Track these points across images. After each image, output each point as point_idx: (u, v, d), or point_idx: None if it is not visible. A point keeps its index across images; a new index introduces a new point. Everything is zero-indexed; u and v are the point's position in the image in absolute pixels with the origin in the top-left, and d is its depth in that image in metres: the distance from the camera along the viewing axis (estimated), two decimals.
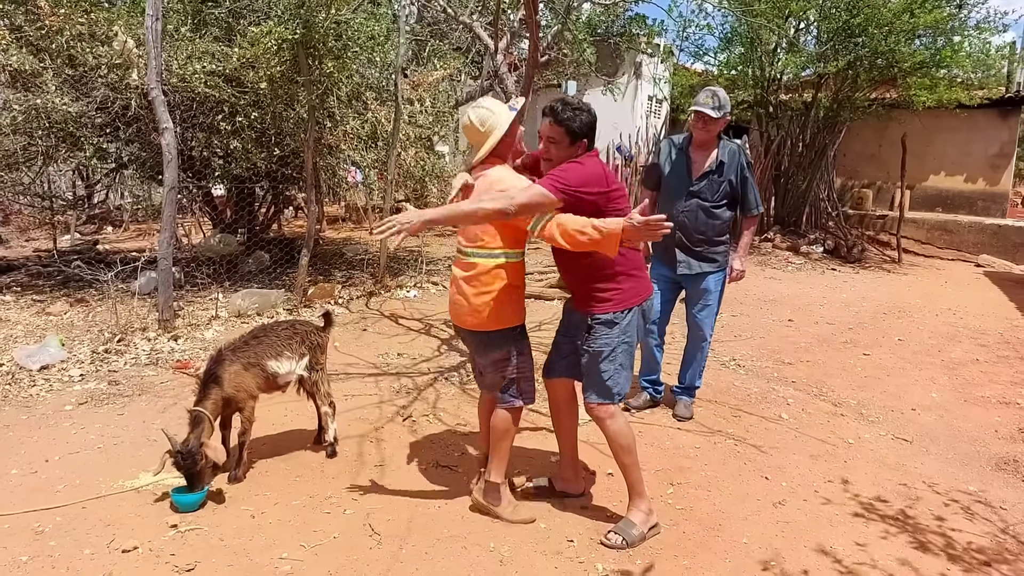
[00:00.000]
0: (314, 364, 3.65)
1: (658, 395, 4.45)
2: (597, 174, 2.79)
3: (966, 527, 3.15)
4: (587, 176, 2.75)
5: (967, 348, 6.18)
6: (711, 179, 4.06)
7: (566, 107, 2.82)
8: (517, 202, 2.65)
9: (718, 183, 4.05)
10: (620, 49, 12.71)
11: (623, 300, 2.87)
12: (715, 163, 4.05)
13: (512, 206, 2.64)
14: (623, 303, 2.87)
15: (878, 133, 12.51)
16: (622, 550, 2.85)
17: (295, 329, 3.65)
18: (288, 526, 2.98)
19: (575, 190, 2.70)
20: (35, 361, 4.79)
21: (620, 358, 2.90)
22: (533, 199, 2.67)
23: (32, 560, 2.70)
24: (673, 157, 4.18)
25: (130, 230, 11.80)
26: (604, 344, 2.88)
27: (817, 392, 4.90)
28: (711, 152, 4.08)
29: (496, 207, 2.64)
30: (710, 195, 4.06)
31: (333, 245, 10.18)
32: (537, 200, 2.67)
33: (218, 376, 3.26)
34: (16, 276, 7.51)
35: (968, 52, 10.61)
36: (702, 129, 4.01)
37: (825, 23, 10.41)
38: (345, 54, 6.65)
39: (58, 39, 5.97)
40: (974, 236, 11.73)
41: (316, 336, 3.70)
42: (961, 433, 4.28)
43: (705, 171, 4.06)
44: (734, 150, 4.10)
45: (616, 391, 2.92)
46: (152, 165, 7.37)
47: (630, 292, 2.89)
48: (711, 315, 4.23)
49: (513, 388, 3.04)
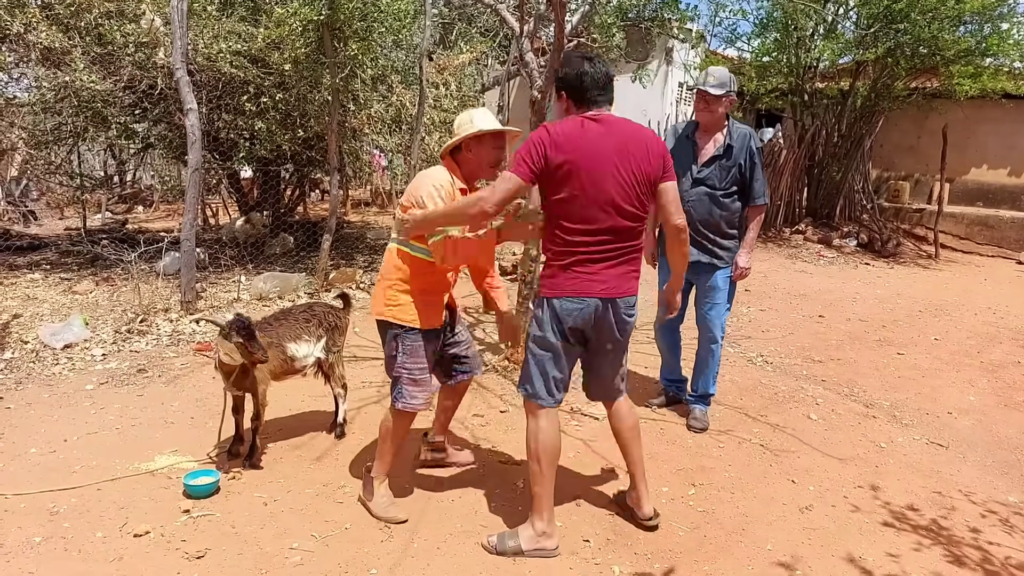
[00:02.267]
0: (331, 346, 3.61)
1: (681, 393, 4.29)
2: (532, 140, 2.52)
3: (1004, 540, 3.00)
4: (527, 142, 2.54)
5: (1008, 349, 5.94)
6: (719, 164, 3.76)
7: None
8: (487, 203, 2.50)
9: (727, 168, 3.75)
10: (651, 34, 12.44)
11: (543, 287, 2.71)
12: (723, 146, 3.75)
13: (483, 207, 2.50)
14: (542, 290, 2.71)
15: (917, 123, 12.13)
16: (491, 553, 2.70)
17: (313, 311, 3.61)
18: (300, 515, 2.94)
19: (520, 159, 2.50)
20: (59, 340, 4.82)
21: (531, 350, 2.73)
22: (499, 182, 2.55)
23: (45, 541, 2.69)
24: (678, 145, 3.89)
25: (160, 210, 11.93)
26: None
27: (848, 392, 4.74)
28: (718, 135, 3.80)
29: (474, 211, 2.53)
30: (718, 182, 3.77)
31: (356, 229, 10.16)
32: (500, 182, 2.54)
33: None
34: (46, 254, 7.61)
35: (1016, 40, 10.20)
36: (704, 110, 3.74)
37: (865, 8, 10.07)
38: (370, 36, 6.58)
39: (87, 16, 5.98)
40: (1016, 232, 11.33)
41: (334, 317, 3.66)
42: (1001, 439, 4.10)
43: (712, 156, 3.77)
44: (745, 133, 3.79)
45: (523, 388, 2.76)
46: (178, 145, 7.40)
47: (549, 282, 2.67)
48: (720, 314, 3.95)
49: (396, 387, 2.91)
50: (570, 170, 2.49)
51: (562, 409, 4.17)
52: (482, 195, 2.51)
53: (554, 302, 2.63)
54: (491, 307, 3.21)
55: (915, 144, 12.69)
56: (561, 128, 2.52)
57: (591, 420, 4.05)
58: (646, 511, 2.92)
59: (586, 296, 2.61)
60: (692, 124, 3.91)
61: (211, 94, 6.51)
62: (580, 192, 2.51)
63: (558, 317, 2.63)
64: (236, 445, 3.42)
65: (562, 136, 2.50)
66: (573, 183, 2.51)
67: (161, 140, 7.90)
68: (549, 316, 2.65)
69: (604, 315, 2.65)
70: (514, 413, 4.09)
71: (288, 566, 2.60)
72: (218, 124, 6.89)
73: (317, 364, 3.61)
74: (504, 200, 2.49)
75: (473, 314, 6.16)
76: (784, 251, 10.36)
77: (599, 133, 2.55)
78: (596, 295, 2.61)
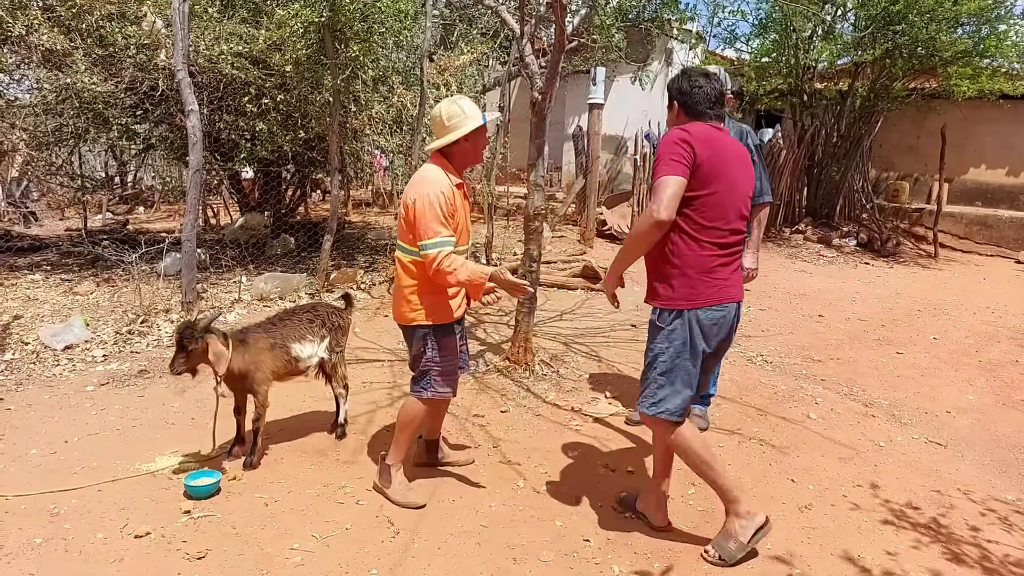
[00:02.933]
0: (334, 346, 3.62)
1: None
2: (675, 140, 2.51)
3: (1003, 538, 3.01)
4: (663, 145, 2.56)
5: (1006, 348, 5.95)
6: None
7: (680, 71, 2.74)
8: (658, 211, 2.45)
9: None
10: (651, 35, 12.45)
11: (671, 299, 2.61)
12: None
13: (657, 216, 2.45)
14: (671, 302, 2.61)
15: (916, 124, 12.14)
16: (719, 565, 2.70)
17: (316, 312, 3.62)
18: (301, 515, 2.95)
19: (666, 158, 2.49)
20: (59, 341, 4.83)
21: (663, 369, 2.63)
22: (658, 188, 2.48)
23: (46, 543, 2.70)
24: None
25: (161, 210, 11.95)
26: (649, 348, 2.70)
27: (847, 391, 4.75)
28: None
29: (646, 228, 2.48)
30: None
31: (357, 229, 10.17)
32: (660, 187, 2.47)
33: (246, 339, 3.27)
34: (47, 255, 7.62)
35: (1014, 41, 10.21)
36: None
37: (863, 9, 10.08)
38: (371, 37, 6.59)
39: (88, 18, 5.98)
40: (1015, 232, 11.35)
41: (337, 317, 3.67)
42: (999, 438, 4.11)
43: None
44: (742, 131, 3.71)
45: (658, 408, 2.64)
46: (179, 146, 7.40)
47: (682, 293, 2.59)
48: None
49: (424, 379, 3.00)
50: (712, 168, 2.51)
51: (563, 408, 4.19)
52: (651, 209, 2.45)
53: (697, 313, 2.58)
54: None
55: (914, 144, 12.70)
56: (697, 129, 2.55)
57: (593, 420, 4.06)
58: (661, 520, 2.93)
59: (727, 302, 2.62)
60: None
61: (212, 95, 6.52)
62: (724, 189, 2.54)
63: (701, 329, 2.59)
64: (237, 446, 3.43)
65: (702, 135, 2.52)
66: (718, 181, 2.52)
67: (162, 141, 7.90)
68: (690, 329, 2.59)
69: (735, 319, 2.68)
70: (514, 413, 4.10)
71: (289, 567, 2.61)
72: (219, 125, 6.90)
73: (319, 364, 3.62)
74: (673, 203, 2.45)
75: (473, 314, 6.17)
76: (784, 251, 10.37)
77: (726, 138, 2.63)
78: (733, 300, 2.64)
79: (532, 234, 4.59)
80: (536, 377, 4.67)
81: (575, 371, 4.86)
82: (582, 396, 4.42)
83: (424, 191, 2.79)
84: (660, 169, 2.48)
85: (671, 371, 2.62)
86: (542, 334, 5.56)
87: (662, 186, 2.45)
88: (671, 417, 2.64)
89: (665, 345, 2.62)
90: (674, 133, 2.53)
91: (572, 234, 10.03)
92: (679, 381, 2.63)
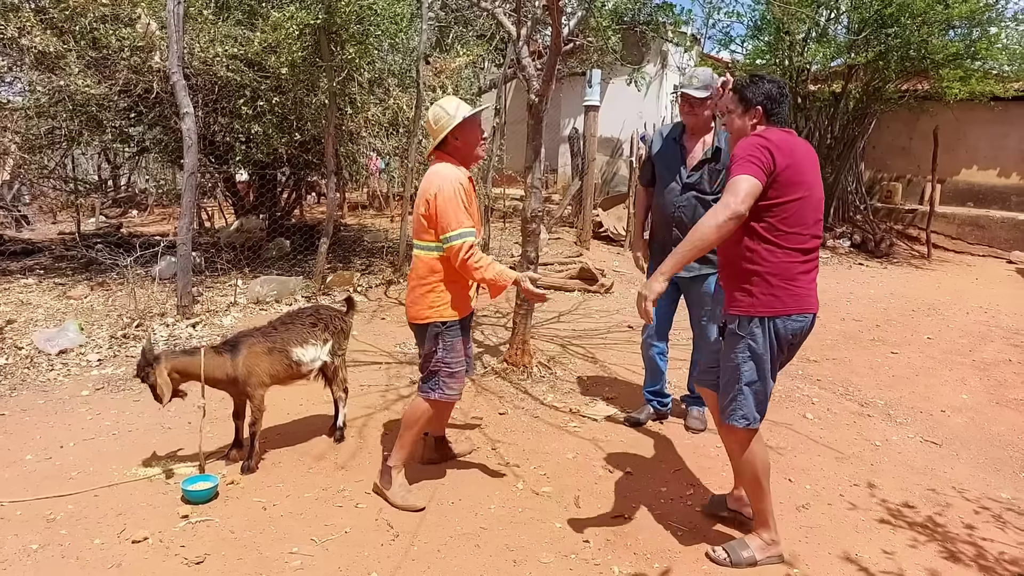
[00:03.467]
0: (336, 350, 3.62)
1: (664, 407, 4.11)
2: (753, 144, 2.50)
3: (998, 536, 3.03)
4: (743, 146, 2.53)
5: (999, 348, 5.99)
6: (708, 168, 3.62)
7: (748, 76, 2.72)
8: (736, 203, 2.41)
9: (716, 172, 3.60)
10: (646, 37, 12.48)
11: (753, 307, 2.58)
12: (711, 149, 3.62)
13: (735, 208, 2.41)
14: (752, 310, 2.58)
15: (909, 125, 12.21)
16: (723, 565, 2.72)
17: (319, 315, 3.61)
18: (300, 519, 2.94)
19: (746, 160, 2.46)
20: (54, 345, 4.81)
21: (744, 377, 2.61)
22: (736, 184, 2.45)
23: (42, 549, 2.69)
24: (665, 148, 3.78)
25: (155, 213, 11.90)
26: (730, 358, 2.66)
27: (843, 391, 4.77)
28: (706, 138, 3.67)
29: (723, 219, 2.41)
30: (708, 186, 3.62)
31: (353, 232, 10.16)
32: (738, 183, 2.44)
33: (237, 346, 3.25)
34: (40, 259, 7.58)
35: (1005, 44, 10.29)
36: (689, 113, 3.63)
37: (856, 12, 10.16)
38: (367, 39, 6.59)
39: (82, 20, 5.96)
40: (1007, 232, 11.42)
41: (340, 321, 3.67)
42: (993, 437, 4.14)
43: (700, 159, 3.64)
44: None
45: (748, 421, 2.64)
46: (174, 149, 7.37)
47: (763, 301, 2.56)
48: (715, 318, 3.68)
49: (433, 380, 3.03)
50: (792, 175, 2.50)
51: (561, 410, 4.20)
52: (727, 203, 2.41)
53: (776, 322, 2.56)
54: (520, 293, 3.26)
55: (907, 145, 12.77)
56: (776, 136, 2.54)
57: (590, 421, 4.06)
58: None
59: (808, 312, 2.60)
60: (679, 126, 3.77)
61: (207, 98, 6.51)
62: (807, 195, 2.54)
63: (779, 338, 2.58)
64: (234, 449, 3.42)
65: (780, 141, 2.52)
66: (798, 187, 2.52)
67: (157, 144, 7.88)
68: (771, 337, 2.57)
69: (810, 329, 2.67)
70: (512, 416, 4.10)
71: (288, 571, 2.60)
72: (214, 128, 6.88)
73: (321, 368, 3.61)
74: (749, 200, 2.42)
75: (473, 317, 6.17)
76: None
77: (799, 142, 2.61)
78: (814, 310, 2.63)
79: (529, 236, 4.60)
80: (534, 379, 4.67)
81: (572, 373, 4.86)
82: (580, 398, 4.43)
83: (443, 184, 2.85)
84: (739, 168, 2.47)
85: (755, 381, 2.61)
86: (539, 336, 5.57)
87: (741, 182, 2.43)
88: (755, 425, 2.66)
89: (747, 355, 2.60)
90: (754, 139, 2.53)
91: (568, 236, 10.05)
92: (762, 390, 2.63)
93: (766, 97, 2.65)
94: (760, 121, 2.67)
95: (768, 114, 2.66)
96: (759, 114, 2.66)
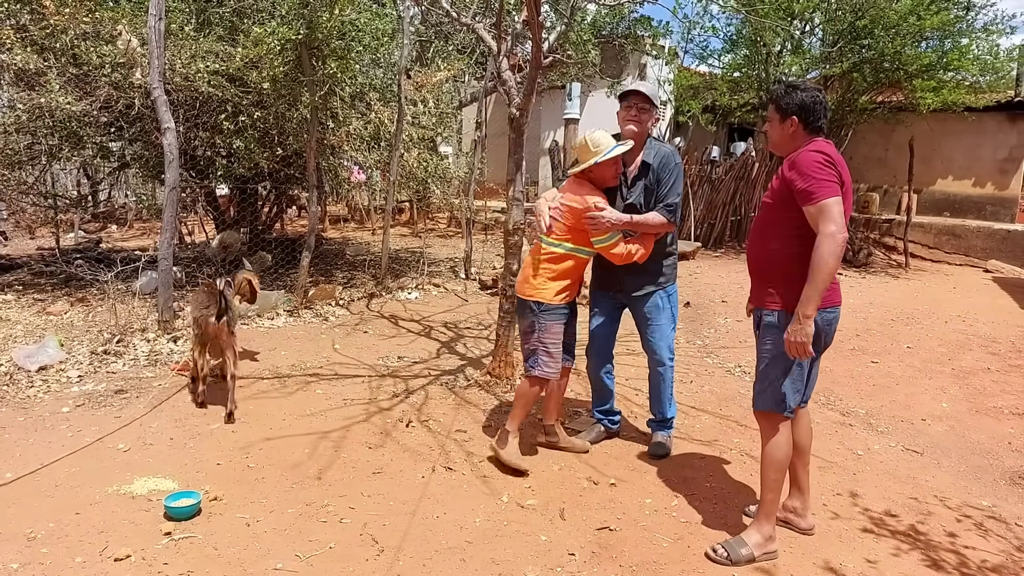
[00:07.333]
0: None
1: (613, 426, 4.04)
2: (820, 161, 2.63)
3: (979, 544, 3.07)
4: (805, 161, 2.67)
5: (978, 356, 6.08)
6: (642, 184, 3.55)
7: (784, 86, 2.82)
8: (840, 228, 2.58)
9: (648, 189, 3.54)
10: (625, 51, 12.63)
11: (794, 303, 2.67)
12: (640, 164, 3.56)
13: (844, 233, 2.59)
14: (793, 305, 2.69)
15: (884, 136, 12.43)
16: (723, 564, 2.78)
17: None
18: (283, 535, 2.92)
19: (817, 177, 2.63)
20: (33, 362, 4.74)
21: (784, 366, 2.77)
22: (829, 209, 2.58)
23: (23, 568, 2.64)
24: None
25: (135, 228, 11.80)
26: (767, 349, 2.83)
27: (824, 401, 4.82)
28: (639, 154, 3.59)
29: (839, 248, 2.58)
30: (644, 205, 3.55)
31: (335, 245, 10.13)
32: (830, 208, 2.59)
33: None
34: (19, 275, 7.48)
35: (976, 55, 10.52)
36: (635, 120, 3.52)
37: (830, 25, 10.36)
38: (349, 54, 6.60)
39: (62, 38, 5.91)
40: (983, 241, 11.62)
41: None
42: (973, 445, 4.20)
43: (634, 176, 3.58)
44: (666, 152, 3.58)
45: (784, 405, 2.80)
46: (155, 164, 7.33)
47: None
48: (664, 336, 3.68)
49: (533, 358, 3.52)
50: (847, 185, 2.68)
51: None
52: (831, 232, 2.54)
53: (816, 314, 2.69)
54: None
55: (883, 156, 13.00)
56: (830, 148, 2.68)
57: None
58: (811, 521, 3.10)
59: (838, 305, 2.85)
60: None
61: (188, 113, 6.48)
62: (848, 206, 2.70)
63: (818, 329, 2.70)
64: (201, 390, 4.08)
65: (835, 155, 2.67)
66: (849, 194, 2.70)
67: (137, 159, 7.82)
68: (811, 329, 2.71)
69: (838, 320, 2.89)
70: (496, 428, 4.08)
71: None
72: (195, 143, 6.85)
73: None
74: (842, 218, 2.58)
75: (453, 329, 6.18)
76: None
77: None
78: (841, 303, 2.87)
79: (512, 248, 4.62)
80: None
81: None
82: (563, 410, 4.43)
83: (591, 199, 3.41)
84: (821, 191, 2.58)
85: (791, 369, 2.79)
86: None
87: (832, 206, 2.57)
88: (790, 414, 2.84)
89: (783, 347, 2.74)
90: (816, 156, 2.64)
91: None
92: (799, 379, 2.82)
93: (800, 107, 2.75)
94: (797, 131, 2.78)
95: (805, 124, 2.76)
96: (795, 123, 2.77)
